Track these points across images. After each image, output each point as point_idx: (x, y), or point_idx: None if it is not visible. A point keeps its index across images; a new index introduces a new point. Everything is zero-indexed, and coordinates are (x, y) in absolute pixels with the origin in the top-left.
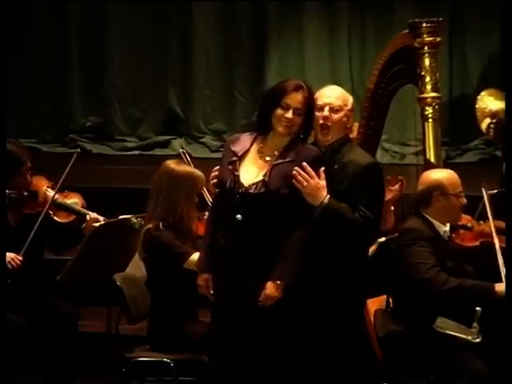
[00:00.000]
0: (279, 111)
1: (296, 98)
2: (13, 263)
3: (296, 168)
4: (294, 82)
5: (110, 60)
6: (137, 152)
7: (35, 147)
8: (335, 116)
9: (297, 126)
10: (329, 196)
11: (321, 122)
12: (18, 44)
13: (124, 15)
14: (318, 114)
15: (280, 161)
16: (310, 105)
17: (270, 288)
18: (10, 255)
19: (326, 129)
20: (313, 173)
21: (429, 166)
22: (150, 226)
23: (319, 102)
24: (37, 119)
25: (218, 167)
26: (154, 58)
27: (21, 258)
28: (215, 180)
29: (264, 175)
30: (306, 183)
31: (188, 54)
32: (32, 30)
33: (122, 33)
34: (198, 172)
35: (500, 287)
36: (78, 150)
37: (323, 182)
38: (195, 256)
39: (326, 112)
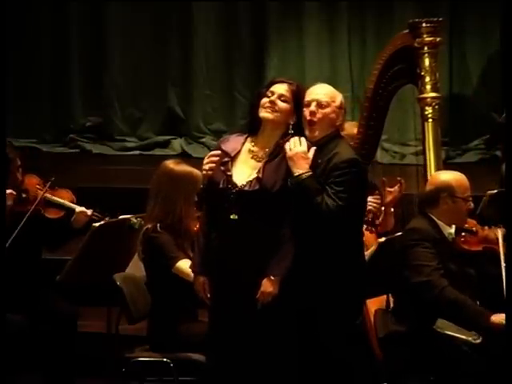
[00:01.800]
0: (264, 99)
1: (281, 87)
2: None
3: (295, 136)
4: (280, 78)
5: (110, 60)
6: (137, 152)
7: (35, 147)
8: (322, 111)
9: (282, 113)
10: (310, 173)
11: (308, 118)
12: (18, 44)
13: (124, 15)
14: (305, 110)
15: (272, 157)
16: (297, 98)
17: (265, 284)
18: None
19: (312, 125)
20: (305, 145)
21: (426, 168)
22: (148, 226)
23: (307, 99)
24: (37, 119)
25: (215, 152)
26: (154, 58)
27: None
28: (211, 165)
29: (258, 172)
30: (292, 146)
31: (188, 54)
32: (32, 30)
33: (122, 33)
34: (197, 171)
35: (497, 318)
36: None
37: (310, 156)
38: (182, 263)
39: (312, 107)
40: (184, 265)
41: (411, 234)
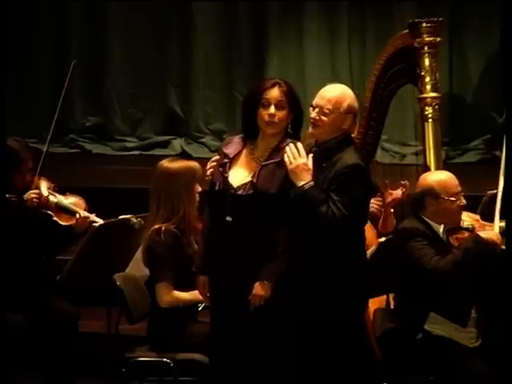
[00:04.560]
0: (262, 110)
1: (274, 93)
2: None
3: (290, 144)
4: (269, 80)
5: (110, 60)
6: (137, 152)
7: (35, 147)
8: (324, 118)
9: (283, 122)
10: (312, 184)
11: (311, 120)
12: (18, 44)
13: (124, 15)
14: (310, 110)
15: (269, 161)
16: (292, 98)
17: (257, 288)
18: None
19: (315, 127)
20: (304, 153)
21: (426, 168)
22: (155, 226)
23: (314, 101)
24: (37, 119)
25: (215, 158)
26: (154, 58)
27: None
28: (211, 170)
29: (252, 176)
30: (292, 159)
31: (188, 54)
32: (32, 30)
33: (122, 33)
34: (192, 163)
35: (485, 234)
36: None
37: (310, 166)
38: (161, 288)
39: (313, 114)
40: (161, 289)
41: (399, 234)
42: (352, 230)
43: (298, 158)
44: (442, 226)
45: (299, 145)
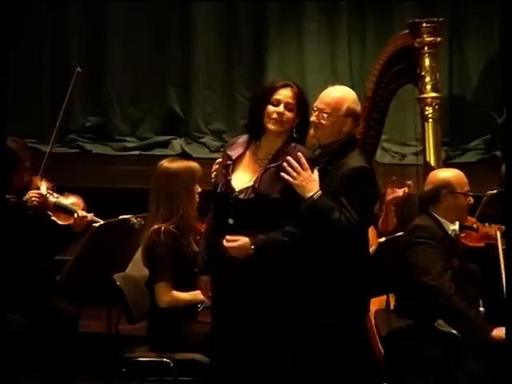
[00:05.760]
0: (270, 108)
1: (286, 93)
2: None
3: (288, 158)
4: (282, 81)
5: (110, 60)
6: (137, 152)
7: (35, 147)
8: (323, 122)
9: (289, 123)
10: (320, 193)
11: (312, 123)
12: (18, 44)
13: (124, 15)
14: (312, 112)
15: (272, 165)
16: (301, 102)
17: (244, 239)
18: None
19: (316, 130)
20: (306, 165)
21: (428, 167)
22: (155, 226)
23: (315, 103)
24: (37, 119)
25: (220, 160)
26: (154, 58)
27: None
28: (215, 173)
29: (254, 181)
30: (295, 174)
31: (188, 54)
32: (32, 30)
33: (122, 33)
34: (192, 163)
35: (498, 332)
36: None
37: (316, 177)
38: (161, 288)
39: (313, 117)
40: (160, 289)
41: (416, 231)
42: (360, 232)
43: (301, 172)
44: (457, 224)
45: (300, 156)
